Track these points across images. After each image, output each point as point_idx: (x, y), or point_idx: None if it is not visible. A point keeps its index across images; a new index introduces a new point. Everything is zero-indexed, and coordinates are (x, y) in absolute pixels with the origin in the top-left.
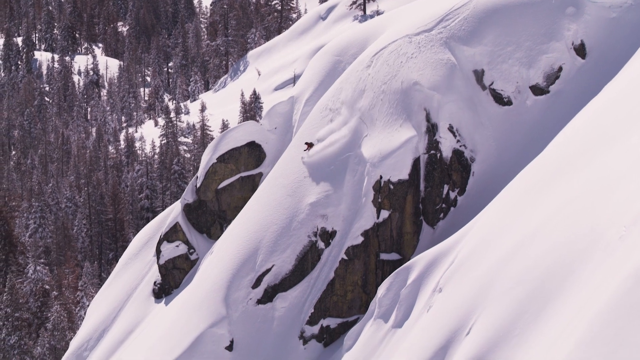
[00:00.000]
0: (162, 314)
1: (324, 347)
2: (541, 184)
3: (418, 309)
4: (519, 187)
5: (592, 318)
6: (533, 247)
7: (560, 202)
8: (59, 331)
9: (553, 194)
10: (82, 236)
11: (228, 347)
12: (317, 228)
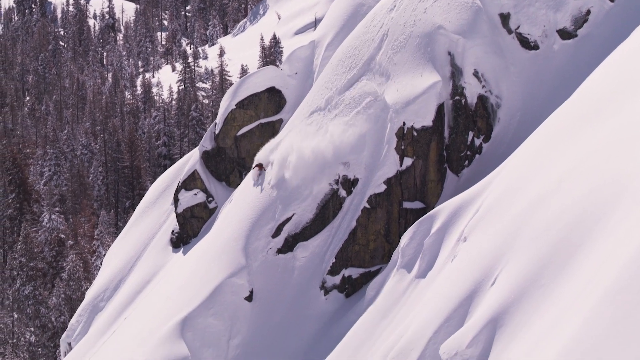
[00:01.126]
0: (180, 264)
1: (346, 297)
2: (568, 131)
3: (442, 259)
4: (546, 134)
5: (620, 267)
6: (559, 195)
7: (588, 149)
8: (75, 281)
9: (580, 142)
10: (98, 184)
11: (247, 298)
12: (339, 176)
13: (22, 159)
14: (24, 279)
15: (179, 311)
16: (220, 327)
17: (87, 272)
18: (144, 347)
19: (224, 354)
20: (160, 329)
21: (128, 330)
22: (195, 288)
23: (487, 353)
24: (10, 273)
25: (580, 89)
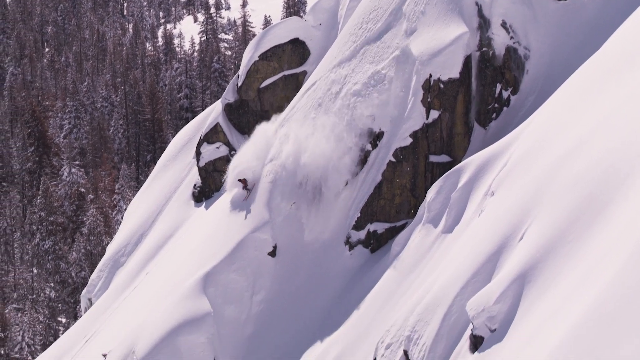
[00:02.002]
0: (202, 218)
1: (371, 252)
2: (596, 85)
3: (469, 214)
4: (574, 87)
5: None
6: (587, 151)
7: (617, 103)
8: (95, 236)
9: (609, 96)
10: (118, 137)
11: (271, 253)
12: (364, 128)
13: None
14: (44, 234)
15: (201, 267)
16: (242, 283)
17: (108, 227)
18: (165, 303)
19: (247, 310)
20: (182, 285)
21: (150, 286)
22: (217, 243)
23: (515, 309)
24: (30, 228)
25: (609, 41)
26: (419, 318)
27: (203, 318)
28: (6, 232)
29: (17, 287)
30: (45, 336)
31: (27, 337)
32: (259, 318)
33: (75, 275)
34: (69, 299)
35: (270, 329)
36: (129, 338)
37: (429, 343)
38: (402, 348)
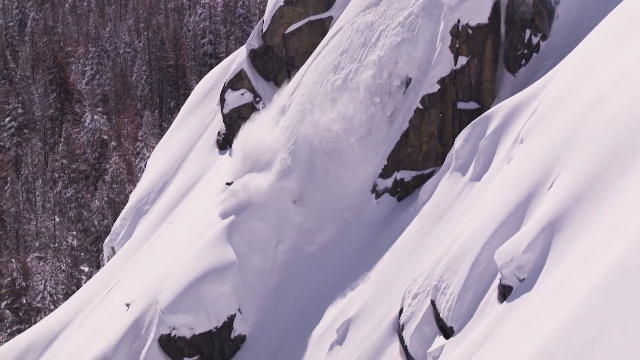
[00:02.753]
0: (227, 166)
1: (398, 201)
2: (628, 30)
3: (498, 161)
4: (606, 32)
5: None
6: (619, 96)
7: None
8: (118, 184)
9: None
10: (141, 83)
11: (296, 202)
12: (390, 74)
13: (63, 58)
14: (66, 182)
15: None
16: (267, 232)
17: (131, 175)
18: (189, 252)
19: (272, 259)
20: (206, 234)
21: (173, 234)
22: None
23: (544, 258)
24: (52, 175)
25: None
26: (447, 267)
27: (227, 267)
28: (28, 180)
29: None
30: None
31: (49, 286)
32: (283, 268)
33: (98, 223)
34: (92, 248)
35: (295, 279)
36: (152, 287)
37: (456, 293)
38: (430, 298)
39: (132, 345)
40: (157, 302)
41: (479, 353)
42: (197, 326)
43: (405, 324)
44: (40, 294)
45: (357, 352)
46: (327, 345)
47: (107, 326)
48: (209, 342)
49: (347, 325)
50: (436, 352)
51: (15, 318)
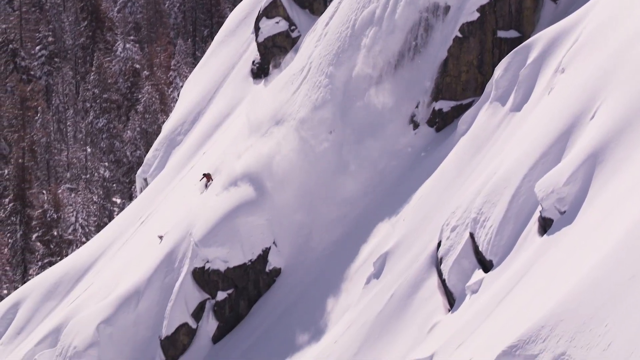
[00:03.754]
0: (261, 96)
1: (436, 132)
2: None
3: (538, 91)
4: None
5: None
6: None
7: None
8: (151, 114)
9: None
10: (174, 11)
11: (331, 131)
12: (429, 2)
13: None
14: (98, 112)
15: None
16: (302, 164)
17: (164, 105)
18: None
19: (308, 192)
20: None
21: (207, 166)
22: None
23: (586, 190)
24: (83, 105)
25: None
26: (486, 200)
27: (262, 200)
28: (59, 110)
29: (70, 166)
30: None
31: (80, 218)
32: (319, 200)
33: (130, 154)
34: (124, 179)
35: (330, 213)
36: (186, 220)
37: (495, 225)
38: (468, 230)
39: (165, 279)
40: (190, 235)
41: (518, 286)
42: (231, 259)
43: (443, 257)
44: (72, 226)
45: (394, 286)
46: (363, 279)
47: (140, 259)
48: (244, 276)
49: (383, 259)
50: (475, 286)
51: (46, 251)
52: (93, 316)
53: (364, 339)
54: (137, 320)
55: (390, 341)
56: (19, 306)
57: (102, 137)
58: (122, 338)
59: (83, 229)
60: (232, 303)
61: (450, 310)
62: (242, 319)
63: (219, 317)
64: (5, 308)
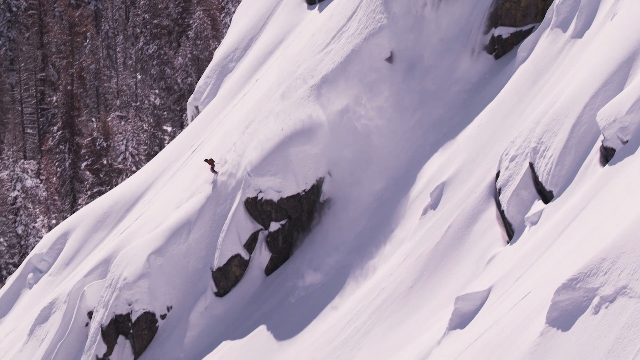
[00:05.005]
0: (316, 22)
1: (495, 59)
2: None
3: (600, 17)
4: None
5: None
6: None
7: None
8: (202, 40)
9: None
10: None
11: (388, 59)
12: None
13: None
14: (148, 38)
15: (313, 75)
16: (359, 90)
17: (216, 31)
18: (277, 111)
19: (364, 118)
20: (294, 94)
21: (259, 91)
22: (332, 49)
23: None
24: (133, 31)
25: None
26: (546, 129)
27: (316, 128)
28: (108, 36)
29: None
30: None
31: (130, 146)
32: (375, 128)
33: (181, 81)
34: (175, 107)
35: (387, 141)
36: (238, 149)
37: (556, 155)
38: (528, 160)
39: (217, 209)
40: (243, 164)
41: (579, 218)
42: (284, 189)
43: (502, 187)
44: (122, 154)
45: (452, 217)
46: (420, 210)
47: (191, 189)
48: (297, 206)
49: (441, 189)
50: (534, 217)
51: (95, 180)
52: (143, 247)
53: (420, 271)
54: (188, 251)
55: (447, 274)
56: (68, 236)
57: (153, 63)
58: (173, 269)
59: (133, 157)
60: (285, 234)
61: (509, 242)
62: (296, 250)
63: (272, 248)
64: (54, 238)
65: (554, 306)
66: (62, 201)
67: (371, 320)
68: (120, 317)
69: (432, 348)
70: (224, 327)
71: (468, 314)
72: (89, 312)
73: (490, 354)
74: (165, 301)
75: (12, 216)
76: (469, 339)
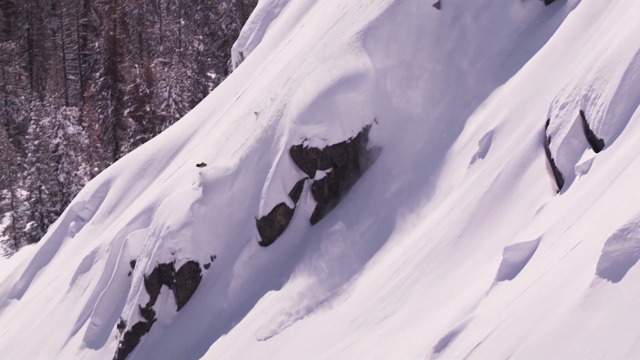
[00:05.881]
0: None
1: (545, 4)
2: None
3: None
4: None
5: None
6: None
7: None
8: None
9: None
10: None
11: (436, 5)
12: None
13: None
14: None
15: (359, 20)
16: (407, 36)
17: None
18: (323, 58)
19: (414, 63)
20: (339, 40)
21: (304, 37)
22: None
23: None
24: None
25: None
26: (597, 76)
27: (363, 75)
28: None
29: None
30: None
31: (174, 93)
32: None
33: (226, 27)
34: (219, 53)
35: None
36: (283, 97)
37: (607, 103)
38: (578, 108)
39: (261, 157)
40: (288, 111)
41: (631, 167)
42: (330, 137)
43: (552, 136)
44: (165, 101)
45: (501, 166)
46: (468, 158)
47: (235, 136)
48: (343, 154)
49: (489, 137)
50: (585, 166)
51: (138, 127)
52: (187, 195)
53: (468, 221)
54: (232, 200)
55: (495, 223)
56: (110, 184)
57: (197, 9)
58: (217, 218)
59: (176, 104)
60: (331, 182)
61: (559, 192)
62: (342, 199)
63: (318, 197)
64: (96, 186)
65: (604, 257)
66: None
67: (418, 271)
68: (164, 267)
69: (480, 299)
70: (268, 276)
71: (517, 265)
72: (131, 261)
73: (539, 305)
74: (209, 250)
75: (54, 164)
76: (518, 290)
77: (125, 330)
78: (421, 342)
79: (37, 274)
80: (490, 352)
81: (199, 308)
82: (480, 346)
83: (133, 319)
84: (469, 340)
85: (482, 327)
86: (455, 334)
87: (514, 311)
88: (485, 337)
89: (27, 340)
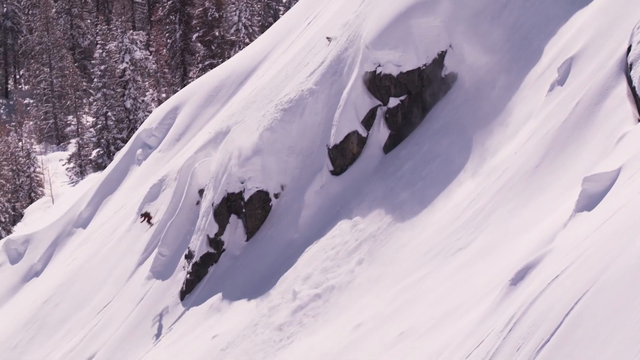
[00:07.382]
0: None
1: None
2: None
3: None
4: None
5: None
6: None
7: None
8: None
9: None
10: None
11: None
12: None
13: None
14: None
15: None
16: None
17: None
18: None
19: None
20: None
21: None
22: None
23: None
24: None
25: None
26: None
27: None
28: None
29: None
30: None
31: (243, 17)
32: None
33: None
34: None
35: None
36: (356, 20)
37: None
38: None
39: (333, 85)
40: (360, 37)
41: None
42: (404, 63)
43: (633, 63)
44: (235, 25)
45: (580, 93)
46: (546, 85)
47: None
48: (417, 81)
49: (569, 64)
50: None
51: (207, 52)
52: (256, 123)
53: (546, 149)
54: (303, 129)
55: (574, 152)
56: (178, 111)
57: None
58: (287, 147)
59: (246, 29)
60: (404, 110)
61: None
62: (416, 127)
63: (391, 125)
64: (163, 113)
65: None
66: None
67: (494, 202)
68: (233, 196)
69: (558, 230)
70: (340, 206)
71: (596, 196)
72: (199, 190)
73: (619, 238)
74: (279, 180)
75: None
76: (597, 222)
77: (193, 260)
78: (497, 274)
79: (103, 203)
80: (569, 285)
81: (269, 238)
82: (558, 279)
83: (201, 250)
84: (546, 273)
85: (560, 259)
86: (532, 266)
87: (593, 243)
88: (563, 270)
89: (93, 270)
